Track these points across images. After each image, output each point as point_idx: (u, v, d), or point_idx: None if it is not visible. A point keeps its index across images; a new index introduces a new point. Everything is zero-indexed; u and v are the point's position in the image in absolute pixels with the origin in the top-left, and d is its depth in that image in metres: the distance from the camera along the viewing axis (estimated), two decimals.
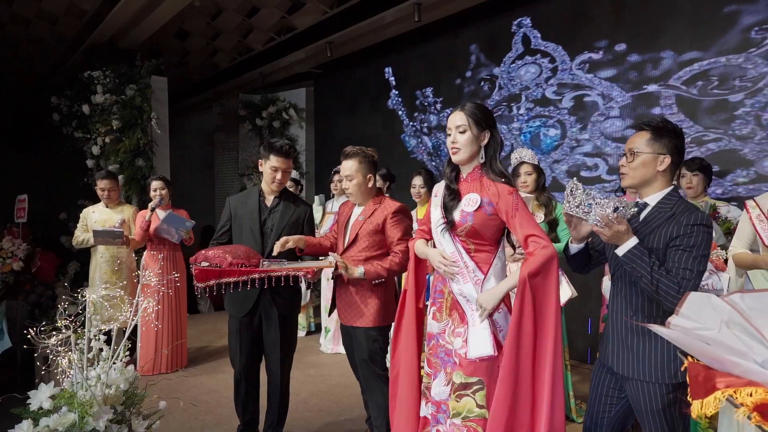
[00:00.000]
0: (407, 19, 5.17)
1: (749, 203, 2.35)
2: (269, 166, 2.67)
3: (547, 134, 4.73)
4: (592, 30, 4.41)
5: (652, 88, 4.04)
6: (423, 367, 2.12)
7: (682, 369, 1.16)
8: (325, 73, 7.32)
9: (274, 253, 2.49)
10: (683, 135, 1.83)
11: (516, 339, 1.80)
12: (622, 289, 1.82)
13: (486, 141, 1.97)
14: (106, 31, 5.58)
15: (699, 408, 1.05)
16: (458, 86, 5.56)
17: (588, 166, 4.49)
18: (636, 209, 1.75)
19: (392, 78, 6.33)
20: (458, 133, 1.96)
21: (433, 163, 5.89)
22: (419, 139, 6.07)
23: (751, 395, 0.94)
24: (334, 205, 4.91)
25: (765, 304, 1.10)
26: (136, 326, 2.06)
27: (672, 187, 1.78)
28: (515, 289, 1.86)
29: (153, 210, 4.04)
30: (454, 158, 2.00)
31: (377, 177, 2.88)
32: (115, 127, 5.62)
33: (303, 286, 2.60)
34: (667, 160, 1.77)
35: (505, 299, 1.94)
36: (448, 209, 2.00)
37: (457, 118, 1.97)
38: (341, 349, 4.83)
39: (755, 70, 3.54)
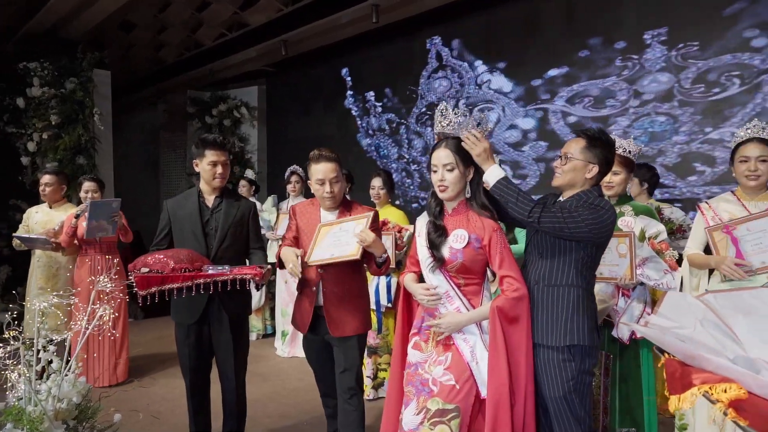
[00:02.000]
0: (365, 20, 5.16)
1: (703, 206, 2.48)
2: (207, 162, 2.57)
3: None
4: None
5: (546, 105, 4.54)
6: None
7: (659, 366, 1.21)
8: (279, 71, 7.19)
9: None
10: (615, 148, 2.04)
11: (494, 363, 1.86)
12: (532, 260, 2.02)
13: (471, 176, 1.99)
14: (45, 20, 5.25)
15: (677, 402, 1.09)
16: (426, 85, 5.62)
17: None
18: (491, 124, 1.97)
19: (349, 78, 6.30)
20: (446, 171, 1.95)
21: (394, 165, 5.91)
22: (379, 141, 6.07)
23: (725, 391, 0.99)
24: (289, 205, 4.82)
25: (735, 304, 1.16)
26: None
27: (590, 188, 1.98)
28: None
29: (77, 217, 3.71)
30: (442, 195, 1.99)
31: None
32: (53, 123, 5.29)
33: (252, 288, 2.53)
34: (595, 169, 1.96)
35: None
36: (435, 246, 1.98)
37: (444, 156, 1.96)
38: (299, 353, 4.75)
39: (622, 93, 4.05)
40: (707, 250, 2.49)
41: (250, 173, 4.88)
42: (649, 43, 4.05)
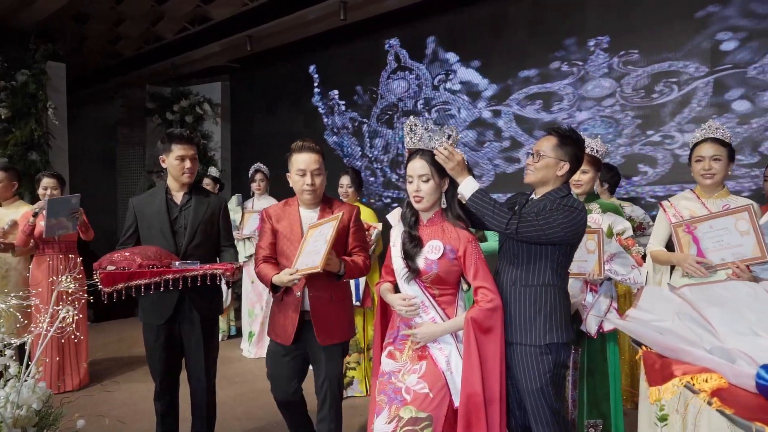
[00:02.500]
0: (333, 17, 5.11)
1: (665, 203, 2.56)
2: (174, 157, 2.49)
3: None
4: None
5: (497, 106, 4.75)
6: None
7: (637, 358, 1.24)
8: (243, 67, 7.05)
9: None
10: (584, 146, 2.09)
11: (468, 374, 1.86)
12: (508, 261, 2.05)
13: (446, 186, 1.99)
14: None
15: (657, 393, 1.12)
16: (385, 86, 5.61)
17: None
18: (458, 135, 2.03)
19: (316, 76, 6.23)
20: (421, 182, 1.95)
21: (359, 163, 5.89)
22: (342, 139, 6.04)
23: (706, 381, 1.02)
24: (255, 204, 4.73)
25: (708, 296, 1.20)
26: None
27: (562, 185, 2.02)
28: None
29: (35, 215, 3.52)
30: (417, 206, 1.99)
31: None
32: (3, 117, 5.02)
33: (223, 285, 2.47)
34: (566, 166, 2.01)
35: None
36: (410, 257, 1.98)
37: (419, 167, 1.95)
38: (264, 353, 4.67)
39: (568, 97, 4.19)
40: (669, 247, 2.59)
41: (214, 170, 4.76)
42: (592, 50, 4.27)
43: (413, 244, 1.99)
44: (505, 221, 1.88)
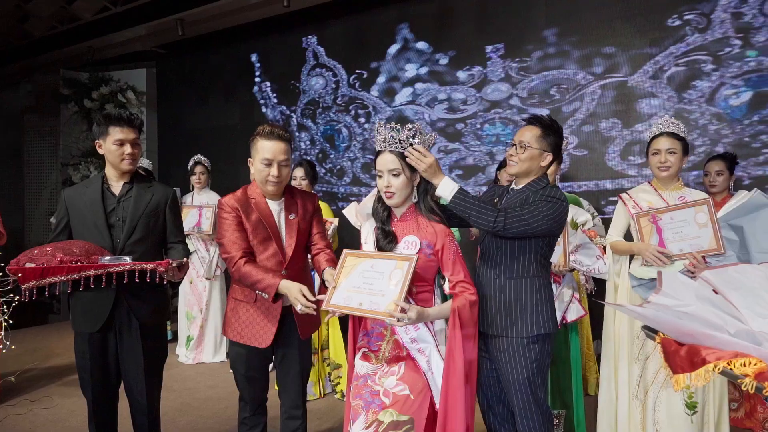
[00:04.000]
0: (275, 3, 4.87)
1: (624, 196, 2.64)
2: (112, 141, 2.22)
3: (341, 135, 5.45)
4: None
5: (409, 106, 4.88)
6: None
7: (657, 342, 1.21)
8: (172, 53, 6.57)
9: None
10: (563, 135, 2.08)
11: (449, 360, 1.81)
12: (491, 254, 2.01)
13: (418, 180, 1.90)
14: None
15: (685, 380, 1.09)
16: (299, 84, 5.52)
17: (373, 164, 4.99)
18: (434, 135, 1.96)
19: (258, 65, 5.93)
20: (392, 176, 1.85)
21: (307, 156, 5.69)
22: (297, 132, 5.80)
23: (745, 365, 0.99)
24: (195, 198, 4.41)
25: (726, 280, 1.20)
26: None
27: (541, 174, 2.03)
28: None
29: None
30: (389, 202, 1.89)
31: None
32: None
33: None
34: (549, 157, 2.01)
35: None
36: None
37: (389, 161, 1.85)
38: (205, 359, 4.38)
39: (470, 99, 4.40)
40: (627, 238, 2.66)
41: (146, 162, 4.38)
42: (489, 56, 4.54)
43: (388, 240, 1.90)
44: (492, 220, 1.83)
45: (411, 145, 1.83)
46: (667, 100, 3.88)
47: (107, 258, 2.12)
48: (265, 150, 2.08)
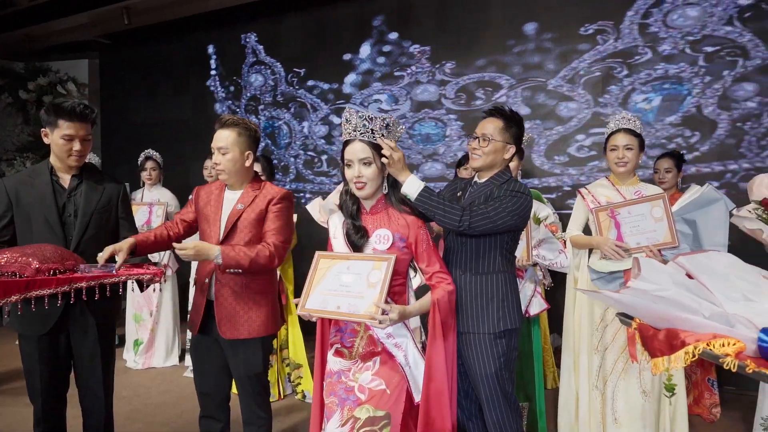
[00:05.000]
0: None
1: (583, 191, 2.70)
2: (60, 135, 2.08)
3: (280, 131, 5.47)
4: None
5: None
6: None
7: (632, 330, 1.23)
8: (116, 44, 6.26)
9: (100, 263, 1.90)
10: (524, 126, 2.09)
11: (430, 355, 1.80)
12: (456, 249, 1.99)
13: (388, 171, 1.85)
14: None
15: (664, 363, 1.11)
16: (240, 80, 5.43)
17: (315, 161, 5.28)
18: (402, 128, 1.93)
19: (215, 57, 5.73)
20: (362, 165, 1.79)
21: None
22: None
23: (724, 345, 1.02)
24: (145, 195, 4.20)
25: (697, 266, 1.23)
26: None
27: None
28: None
29: None
30: (360, 194, 1.83)
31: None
32: None
33: (158, 287, 2.11)
34: (512, 149, 2.01)
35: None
36: (357, 248, 1.83)
37: (359, 150, 1.78)
38: (155, 363, 4.18)
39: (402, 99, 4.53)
40: (586, 232, 2.73)
41: (95, 158, 4.14)
42: (417, 59, 4.73)
43: (359, 234, 1.84)
44: (457, 218, 1.81)
45: (383, 135, 1.79)
46: (583, 103, 4.12)
47: (86, 267, 1.91)
48: (217, 140, 2.14)
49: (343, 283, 1.74)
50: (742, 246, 2.80)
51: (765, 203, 2.42)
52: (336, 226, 1.94)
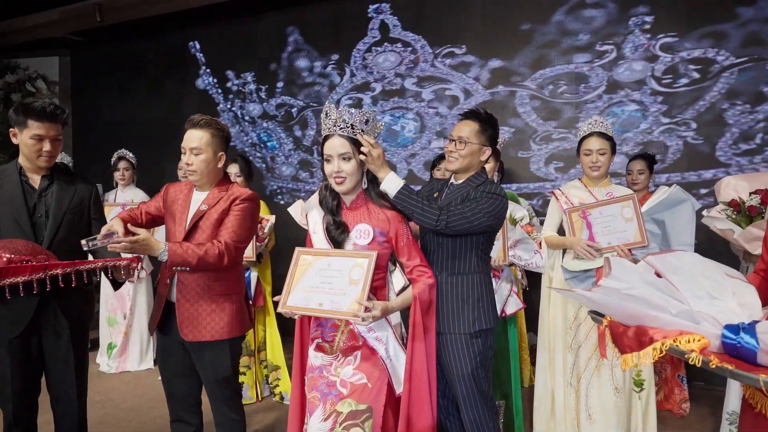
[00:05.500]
0: None
1: (557, 192, 2.75)
2: (29, 136, 2.05)
3: (406, 126, 4.80)
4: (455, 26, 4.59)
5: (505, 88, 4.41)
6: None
7: (603, 327, 1.26)
8: (88, 41, 6.11)
9: (99, 244, 1.87)
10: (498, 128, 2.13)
11: (411, 348, 1.82)
12: (432, 249, 2.01)
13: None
14: None
15: (633, 359, 1.14)
16: (273, 72, 5.28)
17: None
18: (381, 124, 1.94)
19: (200, 55, 5.63)
20: (342, 160, 1.79)
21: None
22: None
23: (690, 342, 1.05)
24: (118, 196, 4.13)
25: (665, 265, 1.27)
26: None
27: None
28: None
29: None
30: (339, 188, 1.83)
31: None
32: None
33: (139, 275, 2.08)
34: (489, 151, 2.05)
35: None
36: (338, 244, 1.83)
37: (338, 145, 1.79)
38: (129, 366, 4.11)
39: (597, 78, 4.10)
40: (560, 233, 2.78)
41: (67, 158, 4.05)
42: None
43: (339, 230, 1.85)
44: (434, 218, 1.83)
45: (362, 131, 1.79)
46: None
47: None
48: (190, 140, 2.09)
49: (325, 280, 1.75)
50: (709, 245, 2.89)
51: (733, 204, 2.51)
52: (316, 222, 1.94)
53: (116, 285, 2.12)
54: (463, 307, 1.95)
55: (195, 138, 2.07)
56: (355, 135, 1.79)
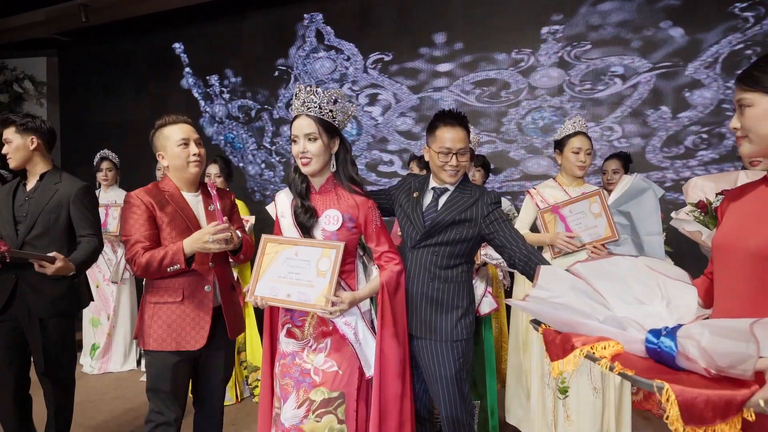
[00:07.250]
0: None
1: (532, 191, 2.74)
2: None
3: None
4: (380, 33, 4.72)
5: (436, 95, 4.53)
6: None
7: (540, 333, 1.27)
8: (75, 42, 6.11)
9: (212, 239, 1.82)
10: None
11: (380, 332, 1.84)
12: (421, 257, 1.99)
13: (336, 148, 1.86)
14: None
15: (559, 367, 1.15)
16: (246, 74, 5.29)
17: (384, 161, 4.79)
18: (353, 107, 1.93)
19: (185, 55, 5.65)
20: (308, 141, 1.79)
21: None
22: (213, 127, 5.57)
23: (605, 348, 1.07)
24: (101, 197, 4.13)
25: (597, 272, 1.28)
26: None
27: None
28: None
29: None
30: (305, 170, 1.83)
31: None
32: None
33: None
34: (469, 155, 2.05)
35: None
36: (306, 229, 1.83)
37: (305, 125, 1.79)
38: (112, 367, 4.13)
39: (516, 85, 4.25)
40: (533, 231, 2.78)
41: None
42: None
43: (308, 215, 1.84)
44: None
45: (330, 111, 1.79)
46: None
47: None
48: (176, 133, 2.01)
49: (292, 270, 1.75)
50: (678, 247, 2.88)
51: (701, 205, 2.49)
52: (284, 205, 1.92)
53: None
54: (445, 315, 1.96)
55: (191, 129, 2.09)
56: (323, 115, 1.79)
